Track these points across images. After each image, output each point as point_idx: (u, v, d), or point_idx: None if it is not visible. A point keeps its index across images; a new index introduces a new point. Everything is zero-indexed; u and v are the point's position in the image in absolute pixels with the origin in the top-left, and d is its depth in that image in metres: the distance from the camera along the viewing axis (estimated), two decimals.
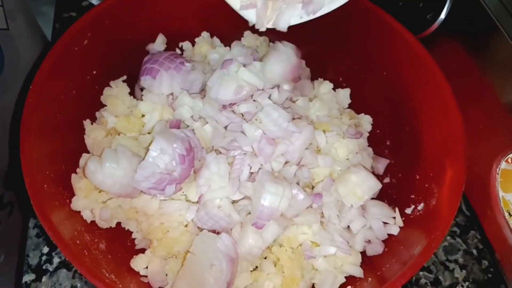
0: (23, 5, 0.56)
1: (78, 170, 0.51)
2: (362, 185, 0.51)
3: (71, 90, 0.52)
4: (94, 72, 0.55)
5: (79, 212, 0.49)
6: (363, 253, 0.53)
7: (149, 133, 0.54)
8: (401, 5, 0.62)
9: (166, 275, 0.50)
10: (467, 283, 0.59)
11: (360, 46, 0.60)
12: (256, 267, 0.52)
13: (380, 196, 0.56)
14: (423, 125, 0.54)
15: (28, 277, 0.55)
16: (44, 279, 0.55)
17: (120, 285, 0.44)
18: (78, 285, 0.55)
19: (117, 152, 0.49)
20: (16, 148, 0.44)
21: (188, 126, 0.54)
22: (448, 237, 0.62)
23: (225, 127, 0.53)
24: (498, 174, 0.53)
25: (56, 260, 0.56)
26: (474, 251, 0.61)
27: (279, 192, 0.46)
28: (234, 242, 0.49)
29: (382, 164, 0.59)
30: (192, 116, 0.54)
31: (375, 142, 0.61)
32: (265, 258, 0.52)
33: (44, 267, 0.55)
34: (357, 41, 0.60)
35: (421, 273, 0.59)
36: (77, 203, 0.49)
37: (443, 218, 0.46)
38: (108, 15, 0.53)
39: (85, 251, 0.45)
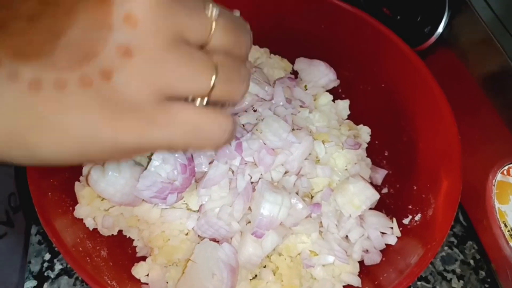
0: None
1: (81, 178, 0.52)
2: (360, 195, 0.52)
3: None
4: None
5: (82, 219, 0.50)
6: (361, 263, 0.53)
7: None
8: (399, 19, 0.63)
9: (167, 282, 0.50)
10: None
11: (359, 59, 0.61)
12: (256, 275, 0.52)
13: (379, 206, 0.57)
14: (419, 135, 0.55)
15: (29, 284, 0.55)
16: (45, 285, 0.55)
17: None
18: None
19: (120, 161, 0.49)
20: None
21: None
22: (446, 247, 0.62)
23: None
24: (494, 185, 0.53)
25: (57, 267, 0.56)
26: (472, 262, 0.61)
27: (278, 202, 0.47)
28: (235, 251, 0.49)
29: (380, 175, 0.60)
30: None
31: (374, 152, 0.62)
32: (264, 266, 0.52)
33: (45, 274, 0.56)
34: (357, 53, 0.61)
35: (418, 283, 0.60)
36: (80, 211, 0.49)
37: (439, 228, 0.46)
38: None
39: (87, 258, 0.46)
